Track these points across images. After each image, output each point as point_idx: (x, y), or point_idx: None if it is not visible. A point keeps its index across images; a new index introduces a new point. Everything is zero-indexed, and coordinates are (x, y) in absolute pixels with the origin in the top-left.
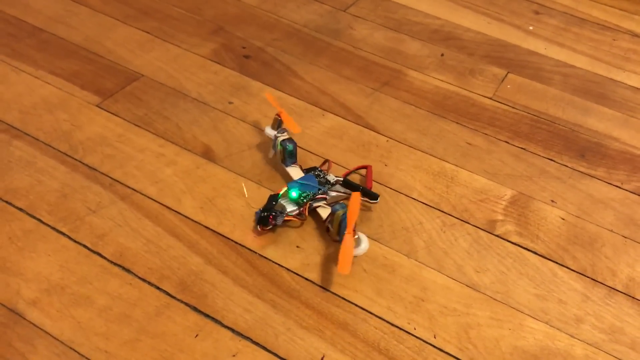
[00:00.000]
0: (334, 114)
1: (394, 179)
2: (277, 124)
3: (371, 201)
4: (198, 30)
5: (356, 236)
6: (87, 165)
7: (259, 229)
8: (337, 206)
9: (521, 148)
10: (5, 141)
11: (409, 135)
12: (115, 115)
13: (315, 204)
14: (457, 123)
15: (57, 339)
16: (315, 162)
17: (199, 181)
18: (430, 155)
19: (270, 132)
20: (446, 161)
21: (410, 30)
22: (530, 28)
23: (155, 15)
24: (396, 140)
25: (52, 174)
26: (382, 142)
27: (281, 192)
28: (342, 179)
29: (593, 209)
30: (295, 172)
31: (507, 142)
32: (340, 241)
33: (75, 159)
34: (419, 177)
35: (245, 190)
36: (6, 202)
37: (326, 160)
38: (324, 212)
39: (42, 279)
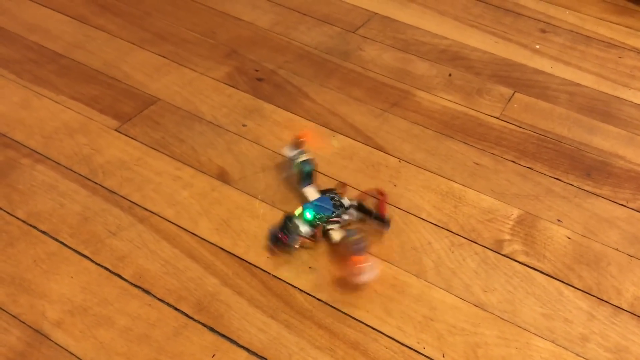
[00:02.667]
0: (344, 135)
1: (403, 199)
2: (297, 146)
3: (383, 227)
4: (212, 53)
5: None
6: (106, 188)
7: (273, 248)
8: (351, 231)
9: (528, 167)
10: (28, 165)
11: (418, 155)
12: (134, 139)
13: (328, 227)
14: (464, 143)
15: (81, 359)
16: (327, 183)
17: (214, 203)
18: (439, 175)
19: (288, 152)
20: (454, 181)
21: (418, 51)
22: (537, 47)
23: (170, 39)
24: (405, 161)
25: (74, 198)
26: (392, 162)
27: (297, 213)
28: (356, 203)
29: (598, 228)
30: (312, 193)
31: (514, 162)
32: None
33: (96, 183)
34: (427, 197)
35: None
36: (31, 225)
37: (342, 184)
38: (337, 234)
39: (65, 301)
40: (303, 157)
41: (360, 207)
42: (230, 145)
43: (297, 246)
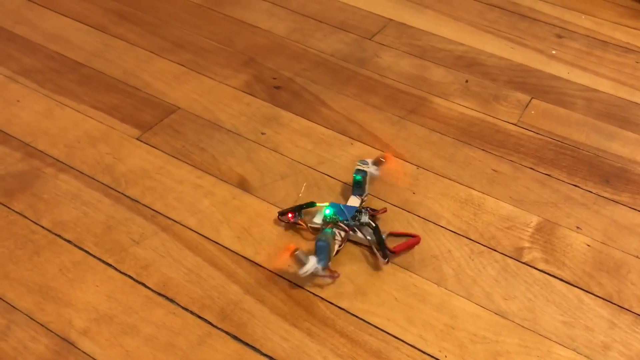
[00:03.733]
0: (362, 143)
1: (422, 207)
2: (375, 161)
3: (381, 258)
4: (230, 61)
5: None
6: (129, 197)
7: (279, 217)
8: (328, 229)
9: (546, 174)
10: (52, 175)
11: (436, 162)
12: (155, 147)
13: (335, 229)
14: (482, 150)
15: None
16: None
17: (235, 211)
18: (457, 182)
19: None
20: (473, 188)
21: (435, 57)
22: (553, 52)
23: (188, 47)
24: (423, 168)
25: (97, 207)
26: (410, 170)
27: (320, 204)
28: (374, 224)
29: (618, 235)
30: (353, 202)
31: (532, 169)
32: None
33: (118, 192)
34: (446, 205)
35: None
36: (56, 234)
37: (384, 210)
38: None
39: (91, 309)
40: (361, 167)
41: (375, 230)
42: (249, 153)
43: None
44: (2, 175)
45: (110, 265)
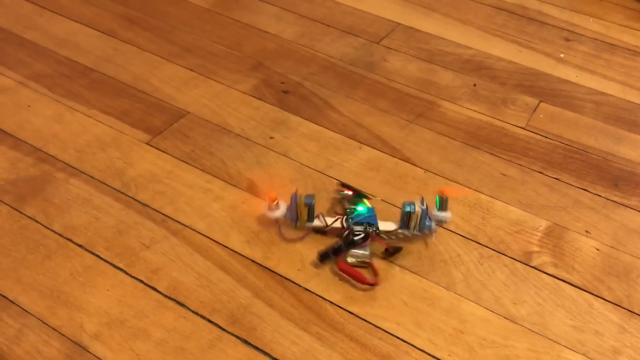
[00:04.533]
0: (371, 147)
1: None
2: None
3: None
4: (239, 66)
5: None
6: (139, 201)
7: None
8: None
9: (555, 178)
10: (63, 179)
11: (445, 166)
12: (164, 152)
13: (355, 227)
14: (491, 154)
15: None
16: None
17: (245, 216)
18: (466, 186)
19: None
20: (482, 192)
21: (443, 61)
22: (561, 56)
23: (197, 52)
24: (432, 172)
25: (108, 211)
26: (419, 174)
27: (363, 203)
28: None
29: (627, 239)
30: (387, 226)
31: (541, 173)
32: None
33: (129, 196)
34: (455, 209)
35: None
36: (67, 239)
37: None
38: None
39: (102, 313)
40: (416, 205)
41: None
42: (258, 157)
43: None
44: (13, 180)
45: (121, 269)
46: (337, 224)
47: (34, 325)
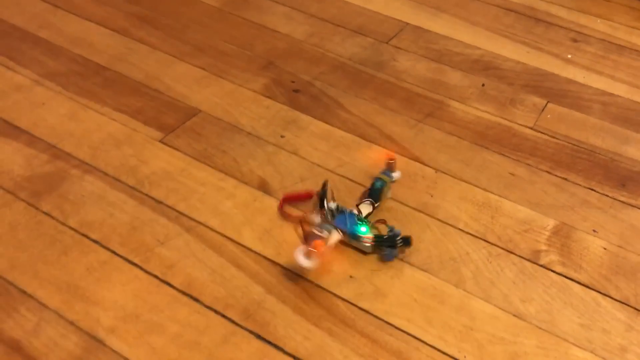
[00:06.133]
0: (380, 146)
1: (441, 210)
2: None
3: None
4: (249, 65)
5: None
6: (153, 198)
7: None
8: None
9: (562, 178)
10: (78, 176)
11: (454, 166)
12: (177, 150)
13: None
14: (499, 154)
15: None
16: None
17: (257, 213)
18: (475, 186)
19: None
20: (490, 192)
21: (451, 61)
22: (569, 56)
23: (209, 51)
24: (441, 171)
25: (122, 208)
26: (428, 173)
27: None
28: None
29: (635, 239)
30: (365, 209)
31: (549, 172)
32: None
33: (143, 193)
34: (464, 208)
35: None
36: (82, 234)
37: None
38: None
39: (118, 308)
40: (383, 176)
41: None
42: (270, 156)
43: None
44: (29, 177)
45: (136, 265)
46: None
47: (51, 319)
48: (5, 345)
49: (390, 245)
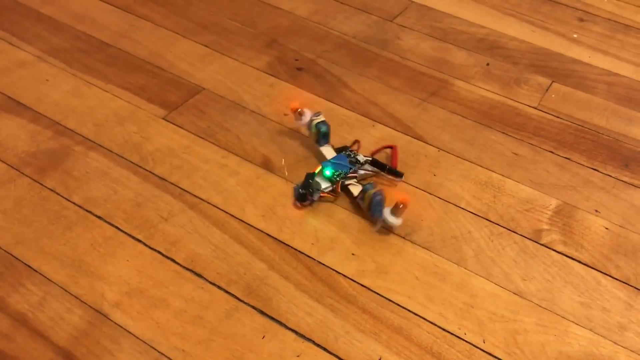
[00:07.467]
0: (384, 125)
1: (443, 188)
2: (311, 112)
3: (396, 179)
4: (253, 43)
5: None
6: (157, 175)
7: (298, 204)
8: (367, 185)
9: (566, 158)
10: (82, 153)
11: (457, 145)
12: (181, 127)
13: (346, 182)
14: (503, 133)
15: (139, 339)
16: (342, 142)
17: (260, 190)
18: (478, 165)
19: (305, 118)
20: (493, 171)
21: (456, 40)
22: (575, 36)
23: (212, 28)
24: (444, 150)
25: (126, 184)
26: (431, 152)
27: (316, 171)
28: (370, 158)
29: (636, 219)
30: (328, 152)
31: (552, 152)
32: (372, 217)
33: (146, 170)
34: (467, 186)
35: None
36: (87, 210)
37: (356, 141)
38: (355, 189)
39: (122, 283)
40: (319, 119)
41: (374, 162)
42: (272, 134)
43: (317, 199)
44: (34, 153)
45: (140, 240)
46: (355, 186)
47: (56, 293)
48: (12, 319)
49: (380, 168)
